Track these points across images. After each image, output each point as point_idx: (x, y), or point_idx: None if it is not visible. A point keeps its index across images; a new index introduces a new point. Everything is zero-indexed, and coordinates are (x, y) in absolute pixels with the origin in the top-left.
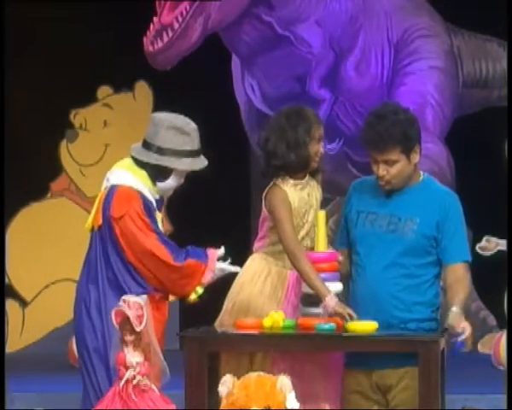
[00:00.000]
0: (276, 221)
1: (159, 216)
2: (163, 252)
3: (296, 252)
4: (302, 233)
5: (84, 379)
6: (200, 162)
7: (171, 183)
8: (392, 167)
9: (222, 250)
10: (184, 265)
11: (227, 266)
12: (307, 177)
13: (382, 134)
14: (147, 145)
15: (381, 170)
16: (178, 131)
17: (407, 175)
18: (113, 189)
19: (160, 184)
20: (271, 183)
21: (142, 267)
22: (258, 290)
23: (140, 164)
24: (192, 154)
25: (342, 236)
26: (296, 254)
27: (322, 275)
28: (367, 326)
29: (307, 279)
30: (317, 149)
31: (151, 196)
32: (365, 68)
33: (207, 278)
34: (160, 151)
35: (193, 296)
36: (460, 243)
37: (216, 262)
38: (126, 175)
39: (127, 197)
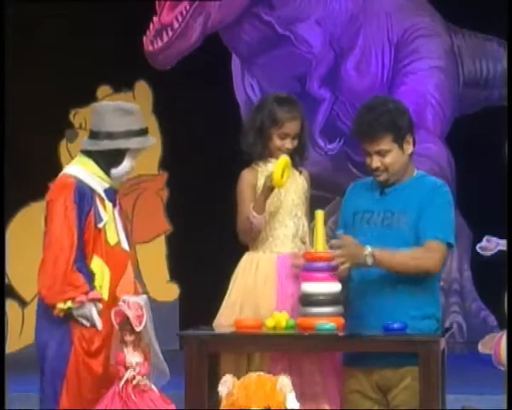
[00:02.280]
0: (237, 203)
1: (108, 207)
2: (63, 244)
3: (241, 232)
4: (278, 218)
5: None
6: (150, 140)
7: (125, 166)
8: (385, 157)
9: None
10: (74, 274)
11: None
12: None
13: (372, 123)
14: (95, 135)
15: (375, 162)
16: (123, 112)
17: (401, 166)
18: (55, 180)
19: (114, 171)
20: None
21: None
22: (252, 282)
23: (89, 155)
24: (140, 133)
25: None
26: (241, 234)
27: (321, 275)
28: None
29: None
30: (281, 144)
31: (98, 186)
32: (365, 68)
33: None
34: (110, 136)
35: (60, 306)
36: (436, 222)
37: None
38: (72, 167)
39: (62, 184)
